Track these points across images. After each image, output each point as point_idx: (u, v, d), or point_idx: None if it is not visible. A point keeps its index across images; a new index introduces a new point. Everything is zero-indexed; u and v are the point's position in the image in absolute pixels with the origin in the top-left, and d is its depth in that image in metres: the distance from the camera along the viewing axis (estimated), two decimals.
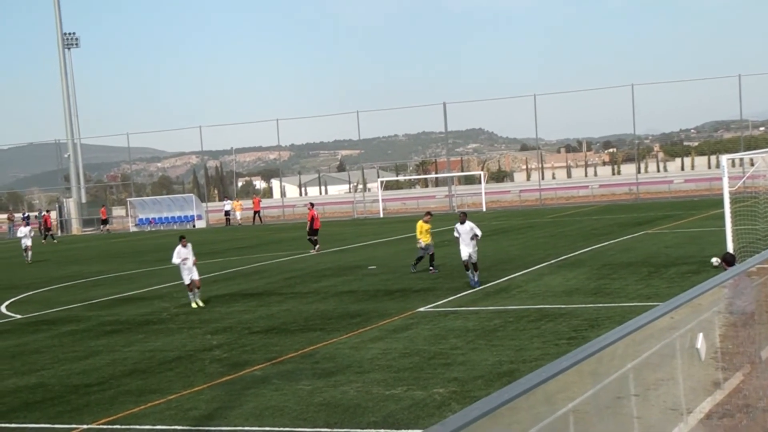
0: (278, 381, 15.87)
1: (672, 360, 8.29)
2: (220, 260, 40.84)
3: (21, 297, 32.27)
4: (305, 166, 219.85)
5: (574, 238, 40.32)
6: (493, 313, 21.38)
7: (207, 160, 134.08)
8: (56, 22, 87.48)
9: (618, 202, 71.44)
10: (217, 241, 55.78)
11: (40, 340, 22.59)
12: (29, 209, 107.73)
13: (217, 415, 13.97)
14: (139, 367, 18.25)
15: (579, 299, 22.55)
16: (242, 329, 21.83)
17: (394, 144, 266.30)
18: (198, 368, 17.62)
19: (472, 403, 4.86)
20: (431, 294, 25.35)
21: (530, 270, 29.02)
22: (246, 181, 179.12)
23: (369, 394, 14.42)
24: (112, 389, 16.35)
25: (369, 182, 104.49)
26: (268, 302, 26.18)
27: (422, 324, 20.67)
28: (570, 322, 19.52)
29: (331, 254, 40.60)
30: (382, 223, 66.56)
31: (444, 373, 15.57)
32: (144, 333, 22.44)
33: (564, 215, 58.67)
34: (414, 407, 13.46)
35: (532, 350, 16.89)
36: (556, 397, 5.97)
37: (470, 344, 17.92)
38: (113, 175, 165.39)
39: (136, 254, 50.46)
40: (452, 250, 37.90)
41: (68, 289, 34.05)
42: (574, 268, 28.72)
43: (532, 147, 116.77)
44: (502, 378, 14.74)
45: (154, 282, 33.56)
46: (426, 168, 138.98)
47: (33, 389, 16.88)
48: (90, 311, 27.19)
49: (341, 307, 24.23)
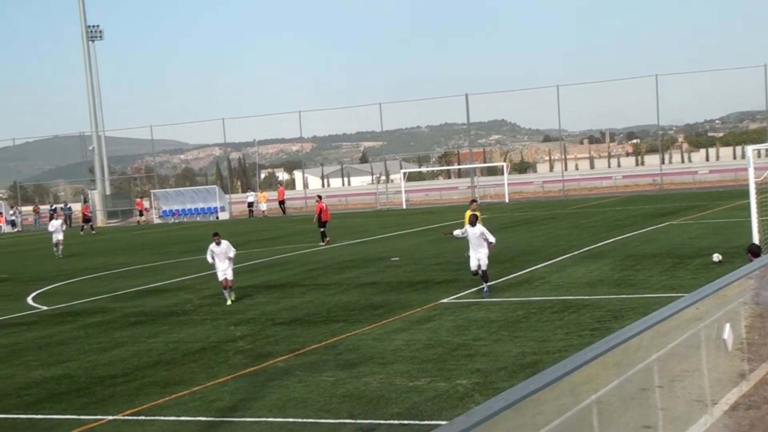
0: (301, 372, 15.90)
1: (697, 351, 8.24)
2: (243, 252, 40.96)
3: (47, 289, 32.49)
4: (328, 158, 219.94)
5: (597, 229, 40.16)
6: (516, 305, 21.34)
7: (230, 152, 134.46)
8: (80, 14, 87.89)
9: (642, 193, 71.07)
10: (240, 233, 55.91)
11: (66, 331, 22.74)
12: (55, 201, 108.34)
13: (241, 406, 14.02)
14: (163, 358, 18.34)
15: (602, 290, 22.46)
16: (265, 320, 21.89)
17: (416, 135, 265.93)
18: (222, 359, 17.68)
19: (496, 394, 4.84)
20: (454, 285, 25.32)
21: (553, 261, 28.93)
22: (269, 173, 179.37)
23: (392, 386, 14.42)
24: (136, 380, 16.44)
25: (392, 174, 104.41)
26: (290, 294, 26.24)
27: (445, 315, 20.65)
28: (593, 313, 19.45)
29: (354, 246, 40.64)
30: (405, 214, 66.54)
31: (467, 364, 15.56)
32: (168, 324, 22.54)
33: (587, 206, 58.44)
34: (437, 398, 13.46)
35: (556, 341, 16.85)
36: (581, 388, 5.95)
37: (493, 335, 17.89)
38: (137, 167, 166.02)
39: (160, 246, 50.67)
40: None
41: (93, 280, 34.25)
42: (598, 259, 28.60)
43: (555, 138, 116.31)
44: (525, 369, 14.71)
45: (178, 273, 33.71)
46: (448, 159, 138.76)
47: (59, 380, 17.00)
48: (115, 303, 27.35)
49: (364, 298, 24.25)
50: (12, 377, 17.62)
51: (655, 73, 72.03)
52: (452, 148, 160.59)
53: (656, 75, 72.16)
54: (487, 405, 4.70)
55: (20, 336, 22.48)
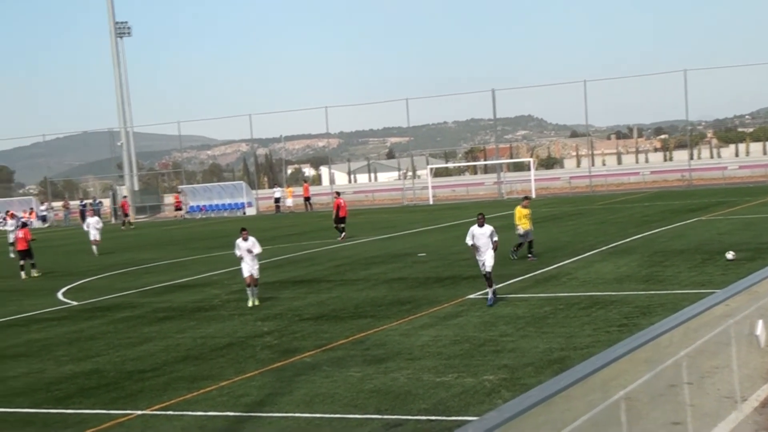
0: (329, 368, 15.92)
1: (727, 348, 8.19)
2: (269, 247, 41.06)
3: (77, 284, 32.72)
4: (354, 154, 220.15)
5: (624, 224, 39.95)
6: (543, 301, 21.27)
7: (257, 147, 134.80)
8: (108, 11, 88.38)
9: (670, 188, 70.61)
10: (267, 229, 56.07)
11: (95, 326, 22.90)
12: (84, 196, 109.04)
13: (269, 401, 14.06)
14: (191, 353, 18.43)
15: (630, 286, 22.35)
16: (292, 316, 21.93)
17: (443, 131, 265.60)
18: (249, 354, 17.74)
19: (523, 390, 4.85)
20: (481, 281, 25.19)
21: (580, 257, 28.81)
22: (295, 169, 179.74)
23: (419, 381, 14.42)
24: (165, 375, 16.52)
25: (418, 169, 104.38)
26: (317, 289, 26.28)
27: (472, 311, 20.62)
28: (621, 309, 19.36)
29: (381, 241, 40.65)
30: (431, 210, 66.48)
31: (494, 360, 15.53)
32: (196, 320, 22.65)
33: (614, 202, 58.15)
34: (464, 394, 13.45)
35: (583, 337, 16.78)
36: (610, 384, 5.93)
37: (520, 331, 17.85)
38: (165, 163, 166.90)
39: (188, 241, 50.91)
40: (501, 237, 37.76)
41: (122, 276, 34.46)
42: (625, 255, 28.46)
43: (582, 133, 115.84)
44: (552, 365, 14.66)
45: (206, 269, 33.85)
46: (475, 155, 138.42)
47: (89, 375, 17.12)
48: (143, 298, 27.50)
49: (391, 294, 24.25)
50: (43, 372, 17.77)
51: (684, 68, 71.65)
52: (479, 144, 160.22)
53: (685, 70, 71.69)
54: (517, 401, 4.70)
55: (51, 331, 22.66)
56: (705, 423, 7.69)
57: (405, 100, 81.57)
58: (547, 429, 5.09)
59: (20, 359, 19.20)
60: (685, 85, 71.66)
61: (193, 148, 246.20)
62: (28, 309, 26.85)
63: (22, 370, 18.08)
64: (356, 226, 52.74)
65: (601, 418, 5.83)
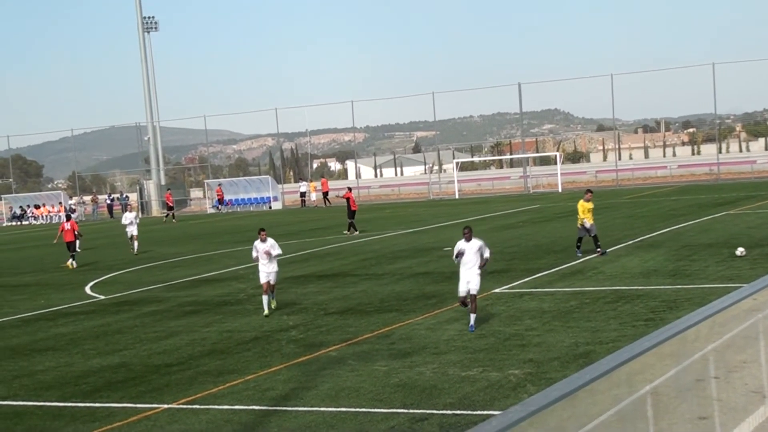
0: (354, 362, 15.94)
1: (755, 342, 8.12)
2: (295, 242, 41.15)
3: (104, 278, 32.94)
4: (380, 148, 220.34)
5: (651, 218, 39.73)
6: (568, 295, 21.21)
7: (282, 142, 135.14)
8: (136, 6, 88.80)
9: (698, 182, 70.19)
10: (293, 223, 56.22)
11: (122, 320, 23.04)
12: (111, 191, 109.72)
13: (294, 395, 14.10)
14: (217, 347, 18.50)
15: (657, 281, 22.23)
16: (318, 310, 21.97)
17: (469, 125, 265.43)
18: (275, 349, 17.79)
19: (548, 384, 4.82)
20: (506, 275, 25.22)
21: (606, 251, 28.65)
22: (321, 163, 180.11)
23: (445, 375, 14.42)
24: (191, 369, 16.60)
25: (444, 163, 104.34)
26: (343, 283, 26.31)
27: (497, 305, 20.59)
28: (647, 303, 19.26)
29: (407, 235, 40.64)
30: (457, 204, 66.41)
31: (519, 354, 15.50)
32: (222, 314, 22.73)
33: (641, 196, 57.84)
34: (489, 388, 13.43)
35: (609, 332, 16.72)
36: (636, 378, 5.90)
37: (546, 325, 17.80)
38: (191, 158, 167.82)
39: (214, 235, 51.09)
40: (527, 231, 37.69)
41: (149, 270, 34.65)
42: (652, 249, 28.30)
43: (609, 127, 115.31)
44: (578, 359, 14.62)
45: (231, 263, 33.95)
46: (501, 149, 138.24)
47: (116, 369, 17.23)
48: (169, 292, 27.64)
49: (417, 288, 24.24)
50: (71, 366, 17.90)
51: (712, 62, 70.95)
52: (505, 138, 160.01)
53: (713, 63, 71.19)
54: (542, 394, 4.68)
55: (79, 325, 22.82)
56: (732, 417, 7.64)
57: (431, 94, 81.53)
58: (572, 423, 5.08)
59: (48, 353, 19.35)
60: (713, 78, 71.23)
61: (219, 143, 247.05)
62: (57, 303, 27.05)
63: (51, 363, 18.22)
64: (382, 220, 52.77)
65: (627, 413, 5.80)
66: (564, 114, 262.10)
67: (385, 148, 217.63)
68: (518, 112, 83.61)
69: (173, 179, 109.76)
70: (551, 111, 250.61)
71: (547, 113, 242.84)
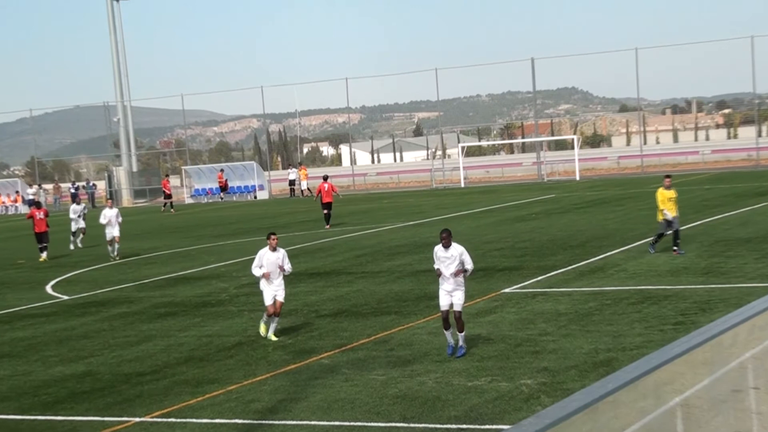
0: (348, 370, 15.94)
1: None
2: (283, 236, 41.09)
3: (68, 276, 32.93)
4: (378, 131, 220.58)
5: (681, 210, 39.56)
6: (587, 295, 21.21)
7: (269, 123, 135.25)
8: None
9: (734, 169, 70.18)
10: (281, 214, 56.21)
11: (88, 323, 23.03)
12: (76, 178, 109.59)
13: (282, 407, 14.10)
14: (195, 354, 18.50)
15: (687, 279, 22.24)
16: (308, 312, 21.98)
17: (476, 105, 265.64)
18: (260, 356, 17.80)
19: (564, 395, 4.79)
20: (517, 273, 25.24)
21: (630, 246, 28.70)
22: (312, 147, 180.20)
23: (449, 386, 14.42)
24: (166, 378, 16.60)
25: (449, 148, 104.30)
26: (336, 282, 26.32)
27: (507, 307, 20.60)
28: (677, 305, 19.27)
29: (407, 229, 40.66)
30: (462, 193, 66.47)
31: (532, 362, 15.51)
32: (201, 316, 22.73)
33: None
34: (499, 400, 13.43)
35: (633, 337, 16.72)
36: (664, 389, 5.88)
37: (562, 330, 17.81)
38: (166, 141, 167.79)
39: (192, 228, 51.07)
40: (541, 224, 37.72)
41: (118, 267, 34.64)
42: (682, 244, 28.28)
43: (633, 108, 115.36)
44: (598, 368, 14.62)
45: (212, 260, 33.96)
46: (512, 132, 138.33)
47: (81, 378, 17.22)
48: (142, 292, 27.63)
49: (418, 287, 24.24)
50: (29, 374, 17.89)
51: (751, 35, 70.52)
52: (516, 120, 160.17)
53: (752, 36, 70.55)
54: (558, 406, 4.66)
55: (39, 329, 22.81)
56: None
57: (434, 71, 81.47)
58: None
59: (4, 360, 19.35)
60: (752, 53, 70.90)
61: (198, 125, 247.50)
62: (14, 304, 27.05)
63: (6, 372, 18.22)
64: (380, 211, 52.79)
65: (654, 427, 5.78)
66: (582, 93, 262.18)
67: (383, 131, 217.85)
68: (531, 90, 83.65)
69: (147, 165, 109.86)
70: (568, 89, 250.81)
71: (563, 92, 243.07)
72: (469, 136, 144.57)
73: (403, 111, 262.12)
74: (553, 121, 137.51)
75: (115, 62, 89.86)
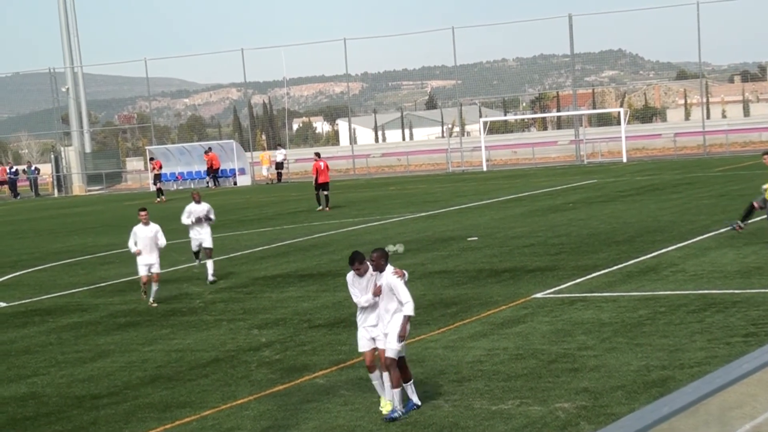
0: (348, 392, 15.96)
1: None
2: (269, 230, 41.19)
3: (6, 279, 32.95)
4: (383, 103, 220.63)
5: (752, 198, 39.69)
6: (637, 301, 21.21)
7: (252, 94, 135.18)
8: None
9: None
10: (266, 204, 56.23)
11: (31, 335, 23.04)
12: (15, 161, 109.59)
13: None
14: (163, 372, 18.52)
15: (761, 282, 22.22)
16: (300, 322, 21.99)
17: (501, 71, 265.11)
18: (241, 374, 17.81)
19: (609, 422, 4.80)
20: (551, 275, 25.23)
21: (689, 242, 28.68)
22: (303, 123, 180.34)
23: (469, 410, 14.43)
24: (127, 402, 16.61)
25: (468, 124, 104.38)
26: (333, 286, 26.31)
27: (540, 315, 20.59)
28: (747, 313, 19.25)
29: (418, 221, 40.68)
30: (485, 178, 66.47)
31: (570, 381, 15.51)
32: (170, 327, 22.75)
33: (739, 167, 57.83)
34: (529, 427, 13.45)
35: (693, 351, 16.72)
36: (730, 414, 5.89)
37: (605, 343, 17.81)
38: (127, 116, 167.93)
39: (159, 221, 50.95)
40: (580, 215, 37.71)
41: (68, 267, 34.66)
42: (754, 239, 28.25)
43: (693, 75, 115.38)
44: (650, 389, 14.63)
45: (183, 259, 33.95)
46: (545, 104, 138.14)
47: (23, 401, 17.24)
48: (98, 298, 27.65)
49: (431, 292, 24.25)
50: None
51: None
52: (550, 89, 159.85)
53: None
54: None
55: None
56: None
57: (450, 30, 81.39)
58: None
59: None
60: None
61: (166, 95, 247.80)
62: None
63: None
64: (385, 200, 52.79)
65: None
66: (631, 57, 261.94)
67: (389, 103, 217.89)
68: (568, 53, 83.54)
69: (103, 145, 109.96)
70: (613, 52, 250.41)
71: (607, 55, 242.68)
72: (493, 109, 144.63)
73: (413, 79, 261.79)
74: (595, 91, 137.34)
75: (63, 19, 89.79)
